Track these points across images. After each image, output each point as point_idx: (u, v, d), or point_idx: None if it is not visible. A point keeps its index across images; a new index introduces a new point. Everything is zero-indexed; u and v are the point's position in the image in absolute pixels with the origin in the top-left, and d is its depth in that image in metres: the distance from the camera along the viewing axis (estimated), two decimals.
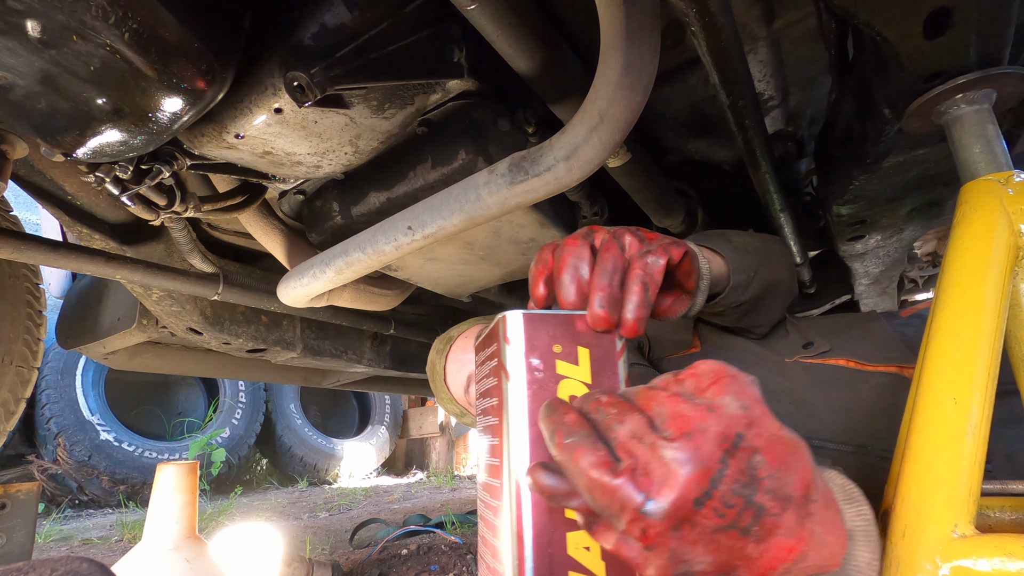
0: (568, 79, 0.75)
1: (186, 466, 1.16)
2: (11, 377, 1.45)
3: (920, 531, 0.45)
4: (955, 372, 0.50)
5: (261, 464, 4.45)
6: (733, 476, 0.35)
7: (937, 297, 0.55)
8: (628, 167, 0.94)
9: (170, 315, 1.31)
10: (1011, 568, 0.40)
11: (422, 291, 1.38)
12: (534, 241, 1.08)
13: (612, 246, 0.52)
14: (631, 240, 0.54)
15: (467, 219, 0.73)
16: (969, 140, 0.60)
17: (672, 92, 1.00)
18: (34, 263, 1.23)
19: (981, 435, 0.47)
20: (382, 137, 0.84)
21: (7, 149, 0.79)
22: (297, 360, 1.71)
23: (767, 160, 0.94)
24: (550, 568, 0.42)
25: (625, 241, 0.54)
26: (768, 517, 0.35)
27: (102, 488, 3.09)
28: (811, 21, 0.88)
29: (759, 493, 0.35)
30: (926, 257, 1.83)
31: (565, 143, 0.62)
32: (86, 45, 0.51)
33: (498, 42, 0.65)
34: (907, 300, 2.06)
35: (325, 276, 0.90)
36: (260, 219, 1.10)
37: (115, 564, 1.09)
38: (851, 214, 1.05)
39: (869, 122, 0.79)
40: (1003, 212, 0.54)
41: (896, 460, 0.55)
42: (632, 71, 0.56)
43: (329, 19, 0.65)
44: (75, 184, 1.02)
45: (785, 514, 0.36)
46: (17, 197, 1.71)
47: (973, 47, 0.59)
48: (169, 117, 0.60)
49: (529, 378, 0.45)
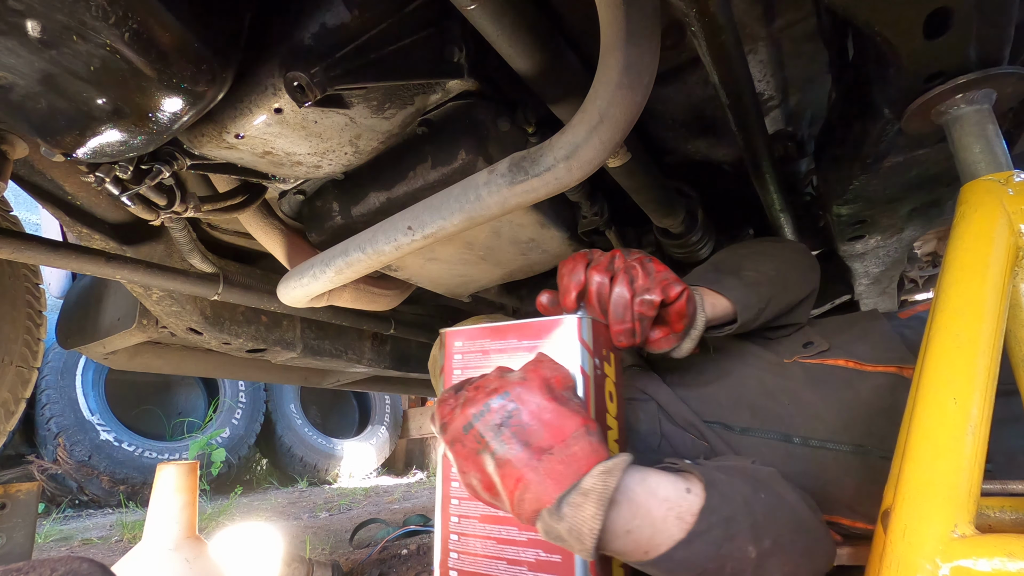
0: (568, 79, 0.75)
1: (186, 466, 1.16)
2: (11, 377, 1.45)
3: (920, 531, 0.45)
4: (955, 372, 0.50)
5: (261, 464, 4.45)
6: (490, 418, 0.51)
7: (937, 297, 0.55)
8: (628, 167, 0.94)
9: (170, 315, 1.31)
10: (1011, 568, 0.40)
11: (422, 291, 1.38)
12: (534, 241, 1.08)
13: (623, 281, 0.67)
14: (640, 274, 0.67)
15: (467, 219, 0.73)
16: (969, 140, 0.60)
17: (672, 92, 1.00)
18: (34, 263, 1.23)
19: (981, 435, 0.47)
20: (382, 137, 0.84)
21: (7, 149, 0.79)
22: (297, 360, 1.71)
23: (767, 160, 0.93)
24: None
25: (635, 274, 0.67)
26: (503, 452, 0.51)
27: (102, 488, 3.09)
28: (811, 21, 0.88)
29: (504, 434, 0.51)
30: (926, 257, 1.83)
31: (565, 143, 0.62)
32: (86, 45, 0.51)
33: (498, 42, 0.65)
34: (907, 300, 2.06)
35: (325, 276, 0.90)
36: (260, 219, 1.10)
37: (115, 564, 1.09)
38: (851, 214, 1.05)
39: (869, 122, 0.79)
40: (1003, 212, 0.54)
41: (896, 460, 0.55)
42: (632, 71, 0.56)
43: (329, 19, 0.65)
44: (75, 184, 1.02)
45: (518, 454, 0.50)
46: (17, 197, 1.71)
47: (973, 47, 0.59)
48: (169, 117, 0.60)
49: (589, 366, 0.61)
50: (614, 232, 1.33)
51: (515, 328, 0.62)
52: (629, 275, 0.67)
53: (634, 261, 0.68)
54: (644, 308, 0.65)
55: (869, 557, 0.54)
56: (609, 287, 0.66)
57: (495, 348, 0.63)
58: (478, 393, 0.54)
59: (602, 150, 0.61)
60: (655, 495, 0.54)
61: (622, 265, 0.68)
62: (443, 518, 0.62)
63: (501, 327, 0.64)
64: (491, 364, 0.62)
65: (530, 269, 1.23)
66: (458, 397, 0.56)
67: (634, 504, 0.53)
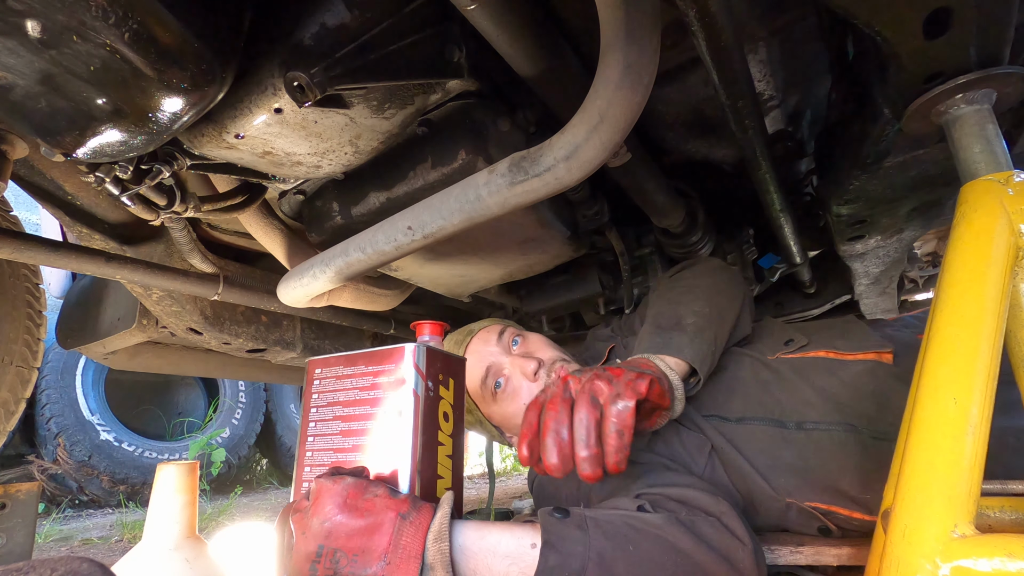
0: (568, 79, 0.75)
1: (186, 466, 1.16)
2: (11, 377, 1.45)
3: (920, 531, 0.45)
4: (955, 372, 0.50)
5: (261, 464, 4.45)
6: (322, 566, 0.54)
7: (937, 297, 0.55)
8: (628, 167, 0.94)
9: (170, 315, 1.31)
10: (1011, 568, 0.40)
11: (422, 291, 1.38)
12: (534, 241, 1.08)
13: (583, 402, 0.63)
14: (601, 387, 0.64)
15: (467, 219, 0.72)
16: (969, 140, 0.60)
17: (672, 92, 1.00)
18: (34, 263, 1.23)
19: (981, 435, 0.47)
20: (382, 137, 0.84)
21: (7, 149, 0.79)
22: (297, 360, 1.71)
23: (767, 160, 0.93)
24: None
25: (596, 389, 0.64)
26: None
27: (102, 488, 3.09)
28: (811, 21, 0.88)
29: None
30: (926, 257, 1.83)
31: (565, 143, 0.62)
32: (86, 45, 0.51)
33: (498, 42, 0.65)
34: (907, 300, 2.06)
35: (325, 276, 0.90)
36: (260, 219, 1.10)
37: (115, 564, 1.09)
38: (851, 214, 1.05)
39: (869, 122, 0.79)
40: (1003, 212, 0.54)
41: (896, 460, 0.55)
42: (632, 71, 0.56)
43: (329, 19, 0.65)
44: (75, 184, 1.02)
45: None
46: (17, 197, 1.71)
47: (973, 47, 0.59)
48: (169, 117, 0.60)
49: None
50: (614, 232, 1.33)
51: (364, 356, 0.71)
52: (589, 395, 0.64)
53: (590, 379, 0.65)
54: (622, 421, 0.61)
55: (869, 557, 0.54)
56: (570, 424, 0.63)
57: (347, 373, 0.72)
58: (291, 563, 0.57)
59: (602, 150, 0.61)
60: (495, 552, 0.59)
61: (579, 388, 0.65)
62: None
63: (352, 355, 0.72)
64: (344, 387, 0.71)
65: (530, 269, 1.23)
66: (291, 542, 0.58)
67: (474, 560, 0.58)
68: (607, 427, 0.62)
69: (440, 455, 0.69)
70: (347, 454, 0.68)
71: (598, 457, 0.61)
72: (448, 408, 0.72)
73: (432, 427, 0.68)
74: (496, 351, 1.04)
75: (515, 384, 1.00)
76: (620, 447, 0.61)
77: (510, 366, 1.01)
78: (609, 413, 0.62)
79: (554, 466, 0.61)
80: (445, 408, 0.71)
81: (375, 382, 0.69)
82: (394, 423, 0.66)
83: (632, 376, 0.66)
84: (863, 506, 0.74)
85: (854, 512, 0.75)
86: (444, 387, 0.72)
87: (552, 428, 0.63)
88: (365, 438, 0.67)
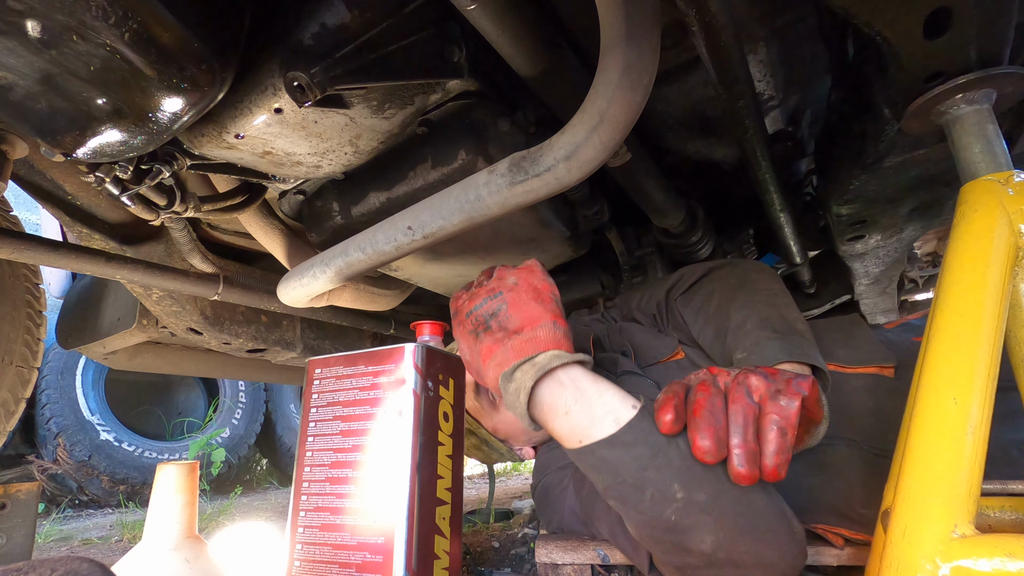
0: (568, 79, 0.75)
1: (186, 466, 1.16)
2: (11, 377, 1.45)
3: (920, 531, 0.45)
4: (955, 372, 0.50)
5: (261, 464, 4.44)
6: (484, 309, 0.68)
7: (937, 297, 0.55)
8: (628, 167, 0.94)
9: (170, 315, 1.31)
10: (1011, 568, 0.40)
11: (422, 291, 1.38)
12: (534, 241, 1.08)
13: (739, 393, 0.55)
14: (756, 383, 0.56)
15: (467, 219, 0.73)
16: (969, 140, 0.60)
17: (672, 92, 1.00)
18: (34, 263, 1.23)
19: (981, 435, 0.47)
20: (382, 137, 0.84)
21: (7, 149, 0.79)
22: (297, 360, 1.71)
23: (767, 160, 0.93)
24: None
25: (751, 384, 0.56)
26: (487, 332, 0.66)
27: (102, 488, 3.09)
28: (811, 21, 0.88)
29: (492, 321, 0.67)
30: (926, 257, 1.83)
31: (565, 143, 0.62)
32: (86, 45, 0.51)
33: (498, 42, 0.65)
34: (907, 300, 2.06)
35: (325, 276, 0.90)
36: (260, 219, 1.10)
37: (115, 564, 1.09)
38: (851, 214, 1.05)
39: (869, 122, 0.79)
40: (1003, 212, 0.54)
41: (896, 460, 0.54)
42: (632, 71, 0.56)
43: (329, 19, 0.65)
44: (75, 184, 1.02)
45: (496, 335, 0.65)
46: (17, 197, 1.71)
47: (973, 47, 0.59)
48: (169, 117, 0.60)
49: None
50: (614, 232, 1.33)
51: (364, 356, 0.72)
52: (744, 387, 0.56)
53: (744, 374, 0.58)
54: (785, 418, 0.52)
55: (869, 557, 0.54)
56: (724, 409, 0.55)
57: (347, 373, 0.73)
58: (480, 291, 0.70)
59: (602, 150, 0.61)
60: (602, 395, 0.61)
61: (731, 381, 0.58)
62: (292, 530, 0.71)
63: (352, 355, 0.73)
64: (344, 387, 0.72)
65: None
66: (468, 294, 0.72)
67: (579, 391, 0.61)
68: (766, 423, 0.53)
69: (440, 455, 0.69)
70: (347, 454, 0.68)
71: (756, 454, 0.52)
72: (448, 408, 0.72)
73: (432, 427, 0.68)
74: None
75: None
76: (783, 447, 0.52)
77: None
78: (769, 409, 0.53)
79: (706, 448, 0.53)
80: (445, 408, 0.71)
81: (375, 382, 0.69)
82: (394, 423, 0.66)
83: (790, 375, 0.58)
84: (867, 527, 0.72)
85: (858, 534, 0.73)
86: (444, 387, 0.72)
87: (706, 407, 0.55)
88: (365, 438, 0.67)
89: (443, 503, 0.68)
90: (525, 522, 1.65)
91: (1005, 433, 0.65)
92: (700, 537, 0.55)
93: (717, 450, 0.53)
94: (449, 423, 0.72)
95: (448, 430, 0.71)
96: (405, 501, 0.63)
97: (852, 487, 0.74)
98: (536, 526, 1.57)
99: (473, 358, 0.70)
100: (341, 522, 0.66)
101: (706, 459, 0.53)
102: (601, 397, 0.60)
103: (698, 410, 0.55)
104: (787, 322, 0.81)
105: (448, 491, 0.69)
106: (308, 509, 0.70)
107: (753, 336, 0.81)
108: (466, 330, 0.69)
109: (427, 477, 0.66)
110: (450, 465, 0.70)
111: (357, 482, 0.67)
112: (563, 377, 0.61)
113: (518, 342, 0.63)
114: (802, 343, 0.77)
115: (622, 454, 0.58)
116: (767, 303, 0.86)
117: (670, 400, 0.57)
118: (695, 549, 0.56)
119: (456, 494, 0.71)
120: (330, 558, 0.66)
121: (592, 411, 0.60)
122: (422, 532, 0.63)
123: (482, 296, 0.69)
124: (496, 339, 0.65)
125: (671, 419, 0.56)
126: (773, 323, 0.81)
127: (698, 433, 0.54)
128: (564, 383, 0.61)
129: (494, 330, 0.66)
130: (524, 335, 0.63)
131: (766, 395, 0.55)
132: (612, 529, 0.76)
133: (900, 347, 0.85)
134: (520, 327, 0.64)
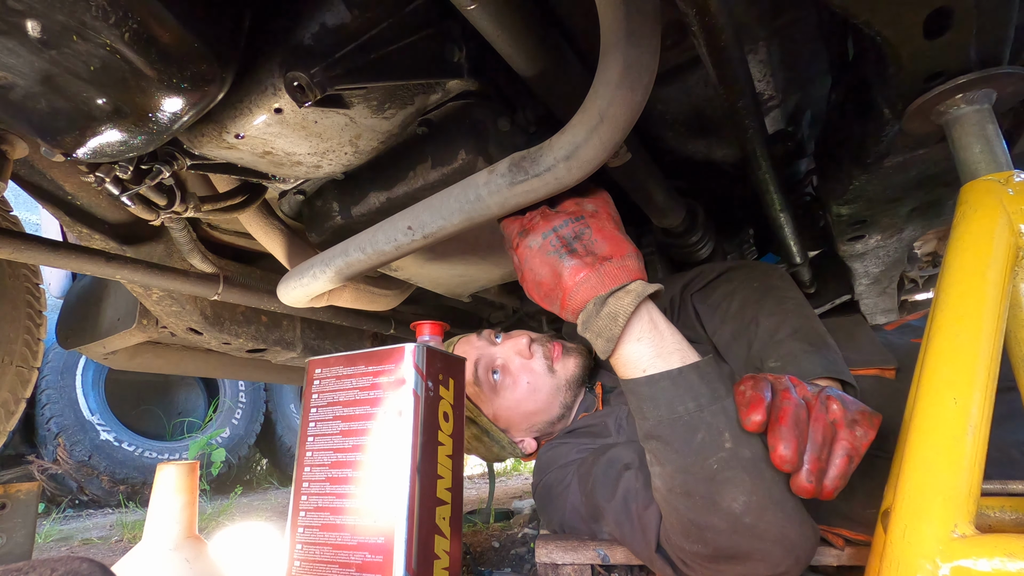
0: (568, 79, 0.75)
1: (186, 466, 1.15)
2: (11, 377, 1.45)
3: (920, 531, 0.45)
4: (955, 372, 0.50)
5: (261, 464, 4.44)
6: (566, 231, 0.66)
7: (937, 297, 0.55)
8: (628, 167, 0.94)
9: (170, 315, 1.31)
10: (1011, 568, 0.40)
11: (422, 291, 1.38)
12: None
13: (821, 415, 0.59)
14: (837, 407, 0.60)
15: (467, 219, 0.72)
16: (969, 140, 0.60)
17: (672, 92, 1.00)
18: (34, 263, 1.23)
19: (981, 435, 0.47)
20: (382, 137, 0.84)
21: (7, 149, 0.79)
22: (297, 360, 1.71)
23: (767, 160, 0.93)
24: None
25: (831, 407, 0.60)
26: (572, 255, 0.65)
27: (102, 488, 3.09)
28: (811, 21, 0.88)
29: (576, 244, 0.65)
30: (926, 257, 1.83)
31: (565, 143, 0.62)
32: (86, 45, 0.51)
33: (498, 42, 0.65)
34: (907, 300, 2.06)
35: (325, 276, 0.90)
36: (260, 219, 1.10)
37: (115, 564, 1.09)
38: (851, 214, 1.05)
39: (869, 122, 0.79)
40: (1003, 212, 0.54)
41: (896, 460, 0.55)
42: (632, 71, 0.56)
43: (329, 19, 0.64)
44: (75, 184, 1.02)
45: (584, 258, 0.64)
46: (17, 197, 1.71)
47: (973, 47, 0.59)
48: (169, 117, 0.60)
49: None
50: None
51: (364, 356, 0.72)
52: (825, 408, 0.60)
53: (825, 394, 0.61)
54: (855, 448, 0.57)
55: (869, 557, 0.54)
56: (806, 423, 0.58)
57: (347, 373, 0.73)
58: (558, 213, 0.68)
59: (602, 150, 0.61)
60: (673, 333, 0.65)
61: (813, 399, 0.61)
62: (292, 530, 0.71)
63: (352, 355, 0.73)
64: (344, 387, 0.72)
65: None
66: (540, 213, 0.69)
67: (653, 323, 0.64)
68: (838, 448, 0.57)
69: (440, 455, 0.69)
70: (347, 454, 0.68)
71: (823, 473, 0.56)
72: (448, 408, 0.72)
73: (432, 427, 0.68)
74: (481, 344, 1.04)
75: (514, 367, 0.98)
76: (845, 473, 0.56)
77: (501, 353, 1.00)
78: (844, 436, 0.58)
79: (787, 458, 0.56)
80: (445, 408, 0.71)
81: (375, 382, 0.69)
82: (394, 423, 0.66)
83: (863, 407, 0.62)
84: (868, 528, 0.73)
85: (859, 535, 0.74)
86: (444, 387, 0.72)
87: (792, 417, 0.57)
88: (365, 438, 0.67)
89: (443, 503, 0.68)
90: (525, 522, 1.65)
91: (1005, 434, 0.65)
92: (734, 495, 0.57)
93: (797, 462, 0.56)
94: (449, 423, 0.72)
95: (448, 430, 0.71)
96: (405, 501, 0.63)
97: (852, 487, 0.74)
98: (536, 526, 1.57)
99: (551, 279, 0.66)
100: (341, 522, 0.66)
101: (784, 468, 0.56)
102: (673, 335, 0.65)
103: (784, 418, 0.57)
104: (819, 335, 0.82)
105: (448, 491, 0.69)
106: (308, 509, 0.70)
107: (787, 346, 0.82)
108: (543, 251, 0.66)
109: (427, 477, 0.66)
110: (450, 465, 0.70)
111: (357, 482, 0.67)
112: (644, 307, 0.64)
113: (611, 268, 0.64)
114: (837, 359, 0.78)
115: (684, 391, 0.61)
116: (797, 313, 0.87)
117: (760, 401, 0.59)
118: (725, 507, 0.58)
119: (456, 494, 0.71)
120: (330, 558, 0.66)
121: (664, 344, 0.63)
122: (422, 532, 0.63)
123: (562, 218, 0.67)
124: (586, 263, 0.64)
125: (760, 420, 0.58)
126: (808, 335, 0.82)
127: (782, 442, 0.56)
128: (641, 313, 0.64)
129: (581, 253, 0.65)
130: (615, 262, 0.64)
131: (842, 421, 0.59)
132: (617, 517, 0.75)
133: (900, 349, 0.85)
134: (610, 254, 0.64)
